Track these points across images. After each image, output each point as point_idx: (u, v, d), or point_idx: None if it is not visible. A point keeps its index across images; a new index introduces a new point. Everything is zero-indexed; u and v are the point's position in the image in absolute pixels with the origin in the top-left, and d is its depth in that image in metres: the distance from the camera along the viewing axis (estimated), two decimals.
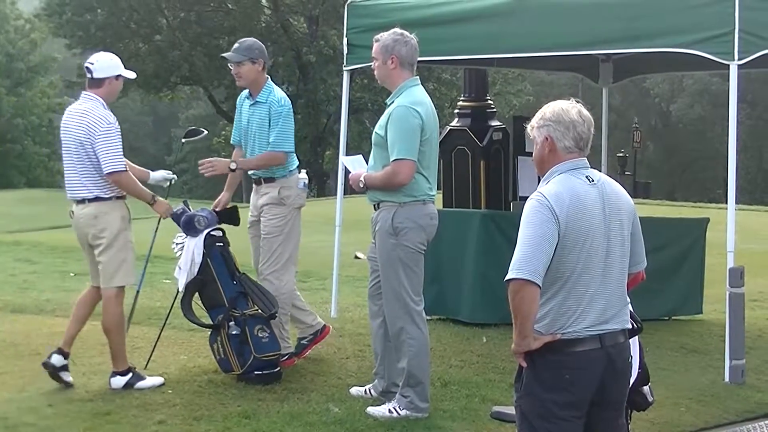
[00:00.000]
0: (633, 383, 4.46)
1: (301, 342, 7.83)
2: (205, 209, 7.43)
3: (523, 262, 4.00)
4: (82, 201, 6.88)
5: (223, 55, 7.69)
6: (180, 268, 7.29)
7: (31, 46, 53.26)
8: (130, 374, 6.94)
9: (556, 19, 8.21)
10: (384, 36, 6.51)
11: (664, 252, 9.38)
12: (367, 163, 6.71)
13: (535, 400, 4.15)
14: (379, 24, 8.02)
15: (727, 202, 8.00)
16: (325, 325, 7.94)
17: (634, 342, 4.45)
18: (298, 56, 39.44)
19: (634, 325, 4.35)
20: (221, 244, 7.35)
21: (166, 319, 7.67)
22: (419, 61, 6.63)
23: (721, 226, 8.21)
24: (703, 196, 43.53)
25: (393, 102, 6.46)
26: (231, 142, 7.97)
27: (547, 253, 4.02)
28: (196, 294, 7.36)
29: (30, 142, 52.57)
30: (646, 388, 4.59)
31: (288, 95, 7.66)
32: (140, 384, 6.91)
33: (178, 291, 7.52)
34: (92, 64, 6.97)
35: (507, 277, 4.02)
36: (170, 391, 6.83)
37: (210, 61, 39.75)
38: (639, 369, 4.51)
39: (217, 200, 7.76)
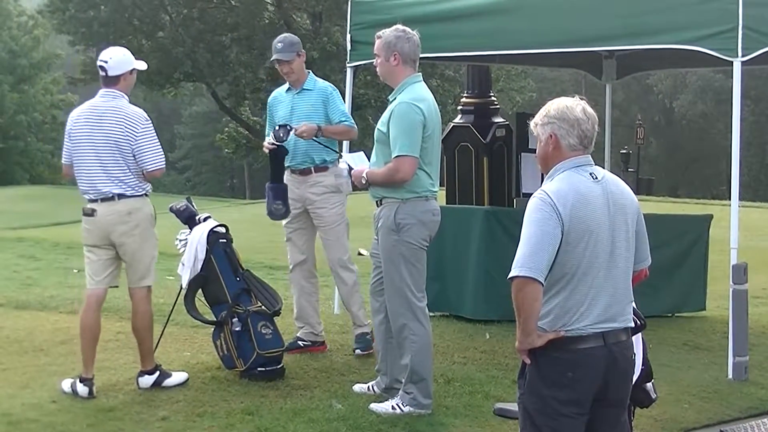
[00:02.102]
0: (636, 380, 4.46)
1: (298, 341, 7.85)
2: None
3: (525, 260, 4.00)
4: (110, 198, 6.71)
5: (276, 57, 7.67)
6: (183, 264, 7.30)
7: (34, 43, 53.25)
8: (158, 373, 6.90)
9: (559, 15, 8.20)
10: (386, 33, 6.51)
11: (667, 249, 9.37)
12: (369, 160, 6.72)
13: (538, 398, 4.15)
14: (382, 20, 8.02)
15: (730, 199, 8.00)
16: (324, 342, 8.01)
17: (637, 339, 4.45)
18: None
19: (637, 321, 4.35)
20: (224, 240, 7.35)
21: (169, 316, 7.67)
22: (422, 58, 6.62)
23: (725, 223, 8.21)
24: (706, 193, 43.58)
25: (395, 98, 6.46)
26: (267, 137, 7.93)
27: (550, 251, 4.02)
28: (199, 291, 7.37)
29: (33, 139, 52.63)
30: (649, 385, 4.60)
31: None
32: (168, 381, 6.86)
33: (181, 288, 7.53)
34: (105, 62, 6.80)
35: (510, 275, 4.03)
36: (173, 388, 6.83)
37: (213, 58, 39.74)
38: (642, 366, 4.51)
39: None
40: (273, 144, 7.53)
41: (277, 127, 7.54)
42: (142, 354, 6.91)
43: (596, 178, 4.20)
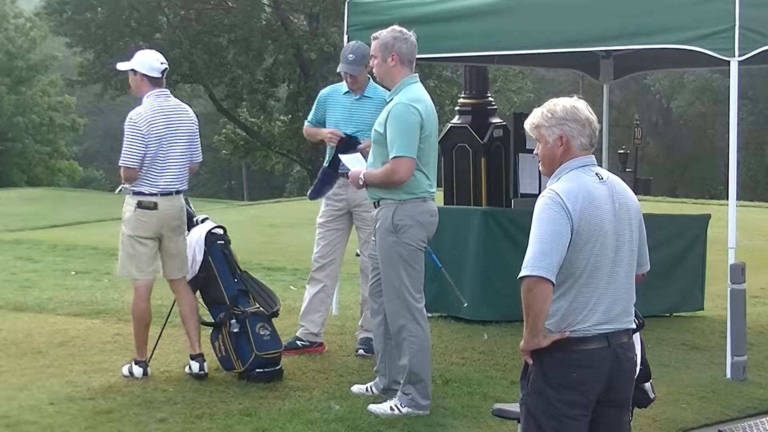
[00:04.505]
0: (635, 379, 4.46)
1: (296, 341, 7.84)
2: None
3: (537, 260, 3.98)
4: (169, 193, 7.02)
5: (344, 71, 7.65)
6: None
7: (31, 45, 53.16)
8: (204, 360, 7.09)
9: (556, 15, 8.20)
10: (383, 34, 6.51)
11: (665, 249, 9.37)
12: (366, 161, 6.72)
13: (543, 399, 4.14)
14: (379, 21, 8.02)
15: (728, 199, 8.00)
16: (323, 343, 7.99)
17: (635, 338, 4.45)
18: (298, 54, 39.36)
19: (636, 321, 4.35)
20: (222, 242, 7.35)
21: (168, 317, 7.67)
22: (419, 59, 6.63)
23: (722, 223, 8.21)
24: (704, 193, 43.55)
25: (392, 99, 6.46)
26: (307, 123, 8.02)
27: (561, 250, 4.01)
28: (198, 292, 7.38)
29: (31, 141, 52.48)
30: (647, 385, 4.60)
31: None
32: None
33: None
34: (164, 63, 7.14)
35: (520, 275, 4.00)
36: (171, 389, 6.83)
37: (210, 59, 39.69)
38: (640, 365, 4.51)
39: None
40: (344, 135, 7.47)
41: (345, 136, 7.53)
42: (195, 338, 7.11)
43: (602, 178, 4.20)
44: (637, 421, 5.36)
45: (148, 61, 7.11)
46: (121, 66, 7.32)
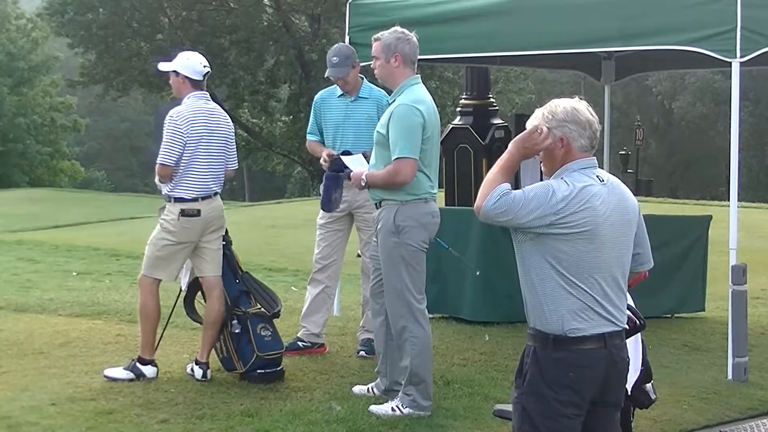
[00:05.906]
0: (636, 381, 4.46)
1: (298, 342, 7.84)
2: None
3: (519, 205, 4.24)
4: (209, 196, 7.03)
5: (329, 75, 7.66)
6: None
7: (32, 46, 53.20)
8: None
9: (557, 16, 8.20)
10: (385, 35, 6.52)
11: (666, 249, 9.36)
12: (368, 162, 6.72)
13: (539, 398, 4.14)
14: (381, 22, 8.02)
15: (729, 200, 8.00)
16: (324, 344, 7.99)
17: (636, 339, 4.46)
18: (300, 55, 39.37)
19: (637, 322, 4.35)
20: (224, 243, 7.35)
21: (169, 318, 7.67)
22: (421, 60, 6.64)
23: (724, 224, 8.21)
24: (705, 194, 43.57)
25: (394, 101, 6.46)
26: (309, 138, 7.96)
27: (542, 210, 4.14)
28: (199, 293, 7.38)
29: (32, 142, 52.49)
30: (648, 386, 4.60)
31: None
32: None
33: (180, 290, 7.53)
34: (206, 66, 7.20)
35: (494, 201, 4.39)
36: (173, 390, 6.83)
37: (211, 60, 39.49)
38: (642, 366, 4.52)
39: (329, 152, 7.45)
40: (334, 158, 7.15)
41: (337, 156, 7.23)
42: (208, 348, 7.10)
43: (603, 180, 4.21)
44: (639, 423, 5.36)
45: (191, 63, 7.15)
46: (163, 66, 7.32)
